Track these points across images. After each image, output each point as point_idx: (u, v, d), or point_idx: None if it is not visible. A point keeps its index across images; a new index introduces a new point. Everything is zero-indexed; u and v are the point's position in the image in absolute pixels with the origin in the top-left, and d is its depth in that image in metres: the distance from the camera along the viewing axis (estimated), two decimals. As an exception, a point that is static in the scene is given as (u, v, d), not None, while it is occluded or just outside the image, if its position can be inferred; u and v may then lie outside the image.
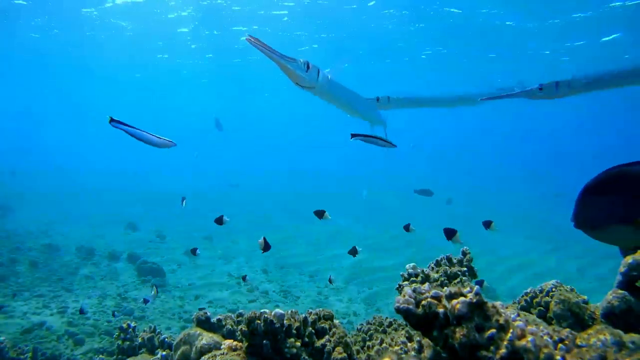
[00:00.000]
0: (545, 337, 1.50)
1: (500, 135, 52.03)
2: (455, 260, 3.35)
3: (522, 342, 1.37)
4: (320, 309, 2.72)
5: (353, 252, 5.03)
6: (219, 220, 4.86)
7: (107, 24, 20.76)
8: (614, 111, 29.90)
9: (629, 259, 2.37)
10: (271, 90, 33.65)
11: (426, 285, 1.64)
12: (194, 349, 2.89)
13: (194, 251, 5.53)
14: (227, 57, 25.20)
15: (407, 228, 5.18)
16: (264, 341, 2.38)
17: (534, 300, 2.86)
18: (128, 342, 4.36)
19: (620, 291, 2.31)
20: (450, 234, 4.10)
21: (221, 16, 18.98)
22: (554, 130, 45.05)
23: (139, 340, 4.31)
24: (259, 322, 2.41)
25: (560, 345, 1.56)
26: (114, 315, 7.67)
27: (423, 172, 40.93)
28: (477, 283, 3.97)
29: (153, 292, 4.24)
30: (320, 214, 4.69)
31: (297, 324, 2.49)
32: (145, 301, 7.36)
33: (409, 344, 2.65)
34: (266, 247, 4.25)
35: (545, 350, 1.36)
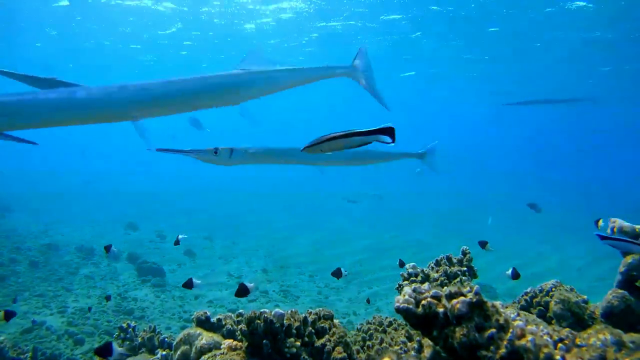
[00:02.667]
0: (545, 337, 1.50)
1: (500, 136, 52.09)
2: (455, 260, 3.35)
3: (522, 342, 1.37)
4: (320, 308, 2.72)
5: (337, 274, 4.81)
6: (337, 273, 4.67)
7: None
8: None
9: (629, 259, 2.37)
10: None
11: (426, 285, 1.64)
12: (194, 348, 2.89)
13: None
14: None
15: (483, 245, 4.53)
16: (264, 341, 2.38)
17: (534, 300, 2.86)
18: (128, 342, 4.36)
19: (620, 291, 2.31)
20: (482, 244, 4.16)
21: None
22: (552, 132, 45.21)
23: (139, 340, 4.31)
24: (258, 321, 2.41)
25: (560, 344, 1.56)
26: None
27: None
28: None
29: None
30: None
31: (297, 324, 2.49)
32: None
33: (408, 344, 2.65)
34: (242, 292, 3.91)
35: (545, 350, 1.36)
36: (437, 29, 16.90)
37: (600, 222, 3.02)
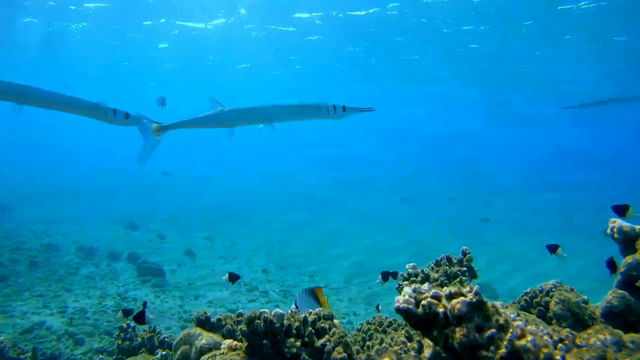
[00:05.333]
0: (545, 337, 1.50)
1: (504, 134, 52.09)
2: (455, 260, 3.35)
3: (522, 342, 1.37)
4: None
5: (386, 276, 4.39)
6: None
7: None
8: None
9: (629, 259, 2.37)
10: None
11: (426, 285, 1.64)
12: (193, 348, 2.89)
13: None
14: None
15: (552, 249, 4.06)
16: (264, 341, 2.38)
17: (534, 300, 2.86)
18: (128, 342, 4.36)
19: (620, 291, 2.31)
20: (552, 248, 3.80)
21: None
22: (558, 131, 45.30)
23: (139, 340, 4.31)
24: (259, 322, 2.41)
25: (560, 345, 1.56)
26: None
27: (418, 171, 40.98)
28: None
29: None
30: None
31: (297, 324, 2.49)
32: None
33: (408, 344, 2.65)
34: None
35: (545, 350, 1.36)
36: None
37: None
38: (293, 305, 2.64)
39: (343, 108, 4.81)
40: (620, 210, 2.90)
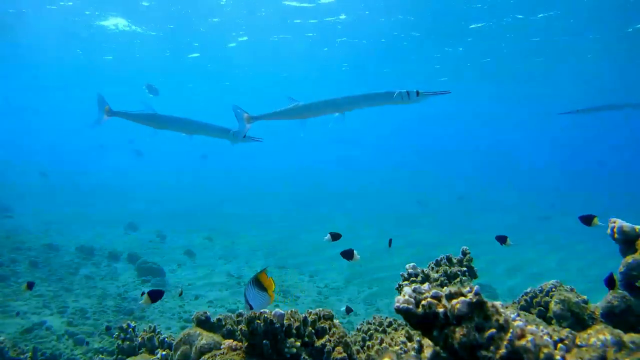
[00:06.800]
0: (545, 337, 1.50)
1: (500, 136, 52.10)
2: (455, 260, 3.35)
3: (522, 342, 1.36)
4: (320, 308, 2.72)
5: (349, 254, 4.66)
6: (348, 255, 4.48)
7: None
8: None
9: (629, 259, 2.37)
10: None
11: (426, 285, 1.64)
12: (193, 348, 2.89)
13: None
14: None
15: (502, 240, 4.40)
16: (264, 341, 2.38)
17: (534, 300, 2.86)
18: (128, 342, 4.35)
19: (620, 291, 2.31)
20: (501, 239, 4.07)
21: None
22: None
23: (139, 340, 4.31)
24: (258, 322, 2.41)
25: (560, 345, 1.56)
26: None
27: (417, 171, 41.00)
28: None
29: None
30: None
31: (297, 324, 2.49)
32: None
33: (408, 344, 2.65)
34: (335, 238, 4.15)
35: (545, 350, 1.36)
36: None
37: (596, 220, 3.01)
38: (246, 305, 2.33)
39: (417, 93, 4.97)
40: (587, 220, 3.12)
